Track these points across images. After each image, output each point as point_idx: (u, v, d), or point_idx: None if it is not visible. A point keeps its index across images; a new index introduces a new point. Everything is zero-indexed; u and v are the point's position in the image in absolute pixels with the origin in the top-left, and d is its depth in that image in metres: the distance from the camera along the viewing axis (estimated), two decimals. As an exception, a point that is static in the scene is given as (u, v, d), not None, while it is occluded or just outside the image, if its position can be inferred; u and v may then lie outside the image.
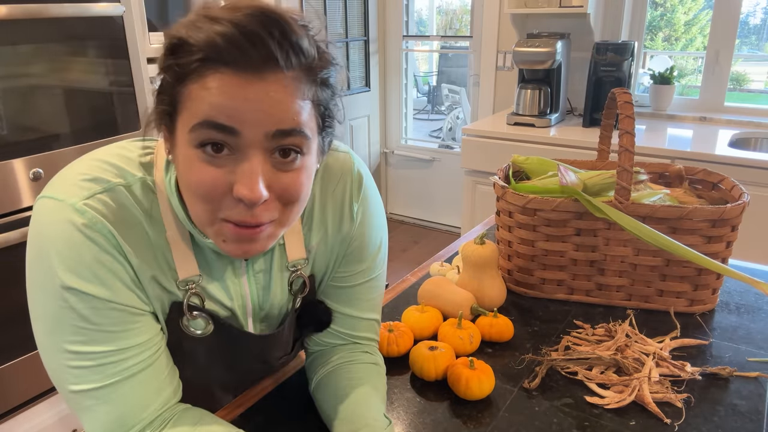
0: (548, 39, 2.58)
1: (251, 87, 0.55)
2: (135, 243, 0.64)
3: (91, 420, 0.65)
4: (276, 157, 0.59)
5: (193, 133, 0.57)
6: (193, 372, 0.75)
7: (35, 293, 0.63)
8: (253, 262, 0.74)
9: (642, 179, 1.15)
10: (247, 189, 0.57)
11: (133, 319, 0.65)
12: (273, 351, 0.82)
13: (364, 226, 0.80)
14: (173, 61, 0.57)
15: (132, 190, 0.65)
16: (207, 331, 0.72)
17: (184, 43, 0.56)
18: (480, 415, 0.82)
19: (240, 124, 0.56)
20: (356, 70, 3.60)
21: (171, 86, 0.58)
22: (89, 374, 0.63)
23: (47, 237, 0.61)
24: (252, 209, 0.58)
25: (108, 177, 0.64)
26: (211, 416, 0.71)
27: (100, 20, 1.84)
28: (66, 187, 0.62)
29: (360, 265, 0.81)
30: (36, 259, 0.62)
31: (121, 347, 0.64)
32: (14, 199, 1.72)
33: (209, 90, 0.55)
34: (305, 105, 0.59)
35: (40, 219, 0.62)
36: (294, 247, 0.76)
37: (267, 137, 0.57)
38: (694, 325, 1.05)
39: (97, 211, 0.61)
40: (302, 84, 0.58)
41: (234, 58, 0.54)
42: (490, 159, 2.61)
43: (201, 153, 0.57)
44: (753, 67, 5.47)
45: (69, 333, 0.61)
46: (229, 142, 0.57)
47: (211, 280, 0.71)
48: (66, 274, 0.60)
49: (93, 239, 0.61)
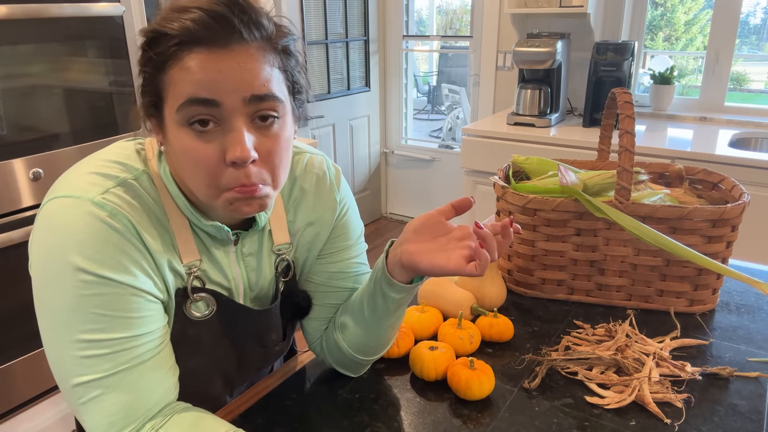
0: (548, 39, 2.58)
1: (223, 60, 0.63)
2: (152, 231, 0.69)
3: (96, 412, 0.65)
4: (257, 122, 0.66)
5: (180, 112, 0.64)
6: (197, 360, 0.78)
7: (48, 289, 0.65)
8: (242, 246, 0.80)
9: (642, 179, 1.15)
10: (238, 151, 0.64)
11: (149, 306, 0.69)
12: (269, 332, 0.87)
13: (346, 213, 0.89)
14: (152, 52, 0.64)
15: (140, 182, 0.70)
16: (209, 313, 0.77)
17: (160, 34, 0.63)
18: (480, 415, 0.82)
19: (219, 94, 0.63)
20: (356, 70, 3.60)
21: (153, 77, 0.65)
22: (101, 362, 0.65)
23: (66, 231, 0.64)
24: (246, 169, 0.65)
25: (116, 173, 0.69)
26: (211, 415, 0.72)
27: (100, 20, 1.84)
28: (80, 185, 0.67)
29: (345, 242, 0.89)
30: (51, 254, 0.64)
31: (136, 333, 0.67)
32: (14, 199, 1.72)
33: (188, 70, 0.62)
34: (273, 71, 0.67)
35: (57, 216, 0.65)
36: (279, 232, 0.84)
37: (244, 102, 0.64)
38: (694, 325, 1.05)
39: (116, 203, 0.66)
40: (267, 53, 0.66)
41: (205, 37, 0.62)
42: (490, 159, 2.61)
43: (190, 131, 0.64)
44: (753, 67, 5.47)
45: (86, 321, 0.64)
46: (213, 115, 0.64)
47: (209, 263, 0.77)
48: (88, 263, 0.63)
49: (116, 229, 0.65)
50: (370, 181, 3.91)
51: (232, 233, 0.77)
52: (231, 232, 0.76)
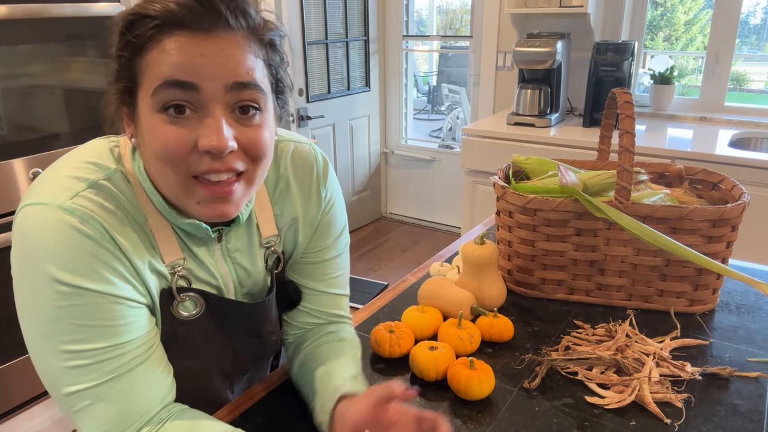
0: (548, 39, 2.58)
1: (206, 44, 0.60)
2: (126, 233, 0.66)
3: (89, 421, 0.64)
4: (237, 114, 0.63)
5: (155, 96, 0.60)
6: (192, 360, 0.76)
7: (27, 300, 0.63)
8: (227, 242, 0.77)
9: (642, 179, 1.15)
10: (215, 140, 0.60)
11: (131, 313, 0.66)
12: (263, 323, 0.84)
13: (331, 209, 0.86)
14: (131, 35, 0.61)
15: (113, 181, 0.67)
16: (198, 312, 0.75)
17: (141, 16, 0.61)
18: (480, 415, 0.82)
19: (199, 78, 0.60)
20: (356, 70, 3.60)
21: (129, 61, 0.62)
22: (87, 373, 0.63)
23: (38, 241, 0.61)
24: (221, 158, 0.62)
25: (87, 174, 0.66)
26: (208, 417, 0.72)
27: (100, 20, 1.84)
28: (49, 191, 0.63)
29: (326, 242, 0.87)
30: (26, 265, 0.62)
31: (120, 342, 0.64)
32: (14, 199, 1.72)
33: (167, 52, 0.60)
34: (257, 62, 0.64)
35: (27, 225, 0.62)
36: (266, 224, 0.81)
37: (226, 89, 0.61)
38: (694, 325, 1.05)
39: (86, 207, 0.63)
40: (252, 43, 0.64)
41: (189, 20, 0.59)
42: (490, 159, 2.61)
43: (164, 116, 0.61)
44: (753, 67, 5.46)
45: (67, 333, 0.62)
46: (190, 100, 0.61)
47: (194, 262, 0.75)
48: (62, 273, 0.61)
49: (87, 235, 0.62)
50: (370, 181, 3.91)
51: (212, 230, 0.73)
52: (211, 230, 0.73)
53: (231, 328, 0.80)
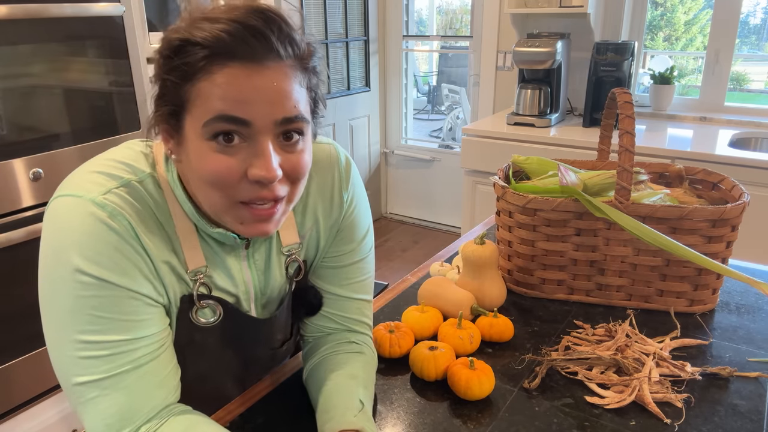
0: (548, 39, 2.58)
1: (257, 76, 0.60)
2: (152, 234, 0.68)
3: (93, 413, 0.65)
4: (281, 141, 0.65)
5: (207, 127, 0.61)
6: (206, 364, 0.79)
7: (50, 287, 0.65)
8: (254, 250, 0.78)
9: (642, 179, 1.15)
10: (264, 170, 0.62)
11: (148, 310, 0.68)
12: (275, 334, 0.87)
13: (353, 212, 0.85)
14: (180, 61, 0.61)
15: (144, 185, 0.69)
16: (215, 320, 0.76)
17: (189, 42, 0.60)
18: (480, 415, 0.82)
19: (251, 115, 0.61)
20: (356, 70, 3.60)
21: (177, 86, 0.62)
22: (99, 364, 0.64)
23: (67, 231, 0.63)
24: (268, 187, 0.64)
25: (121, 174, 0.68)
26: (207, 419, 0.72)
27: (100, 20, 1.84)
28: (83, 185, 0.66)
29: (349, 246, 0.86)
30: (53, 253, 0.64)
31: (134, 337, 0.66)
32: (14, 199, 1.72)
33: (219, 86, 0.60)
34: (302, 92, 0.65)
35: (57, 215, 0.65)
36: (288, 233, 0.81)
37: (275, 124, 0.63)
38: (694, 325, 1.05)
39: (117, 204, 0.65)
40: (298, 72, 0.64)
41: (240, 50, 0.59)
42: (490, 159, 2.61)
43: (213, 144, 0.62)
44: (753, 67, 5.46)
45: (84, 323, 0.64)
46: (241, 132, 0.62)
47: (217, 269, 0.76)
48: (87, 264, 0.63)
49: (115, 230, 0.64)
50: (370, 181, 3.91)
51: (240, 238, 0.75)
52: (239, 238, 0.74)
53: (245, 339, 0.82)
